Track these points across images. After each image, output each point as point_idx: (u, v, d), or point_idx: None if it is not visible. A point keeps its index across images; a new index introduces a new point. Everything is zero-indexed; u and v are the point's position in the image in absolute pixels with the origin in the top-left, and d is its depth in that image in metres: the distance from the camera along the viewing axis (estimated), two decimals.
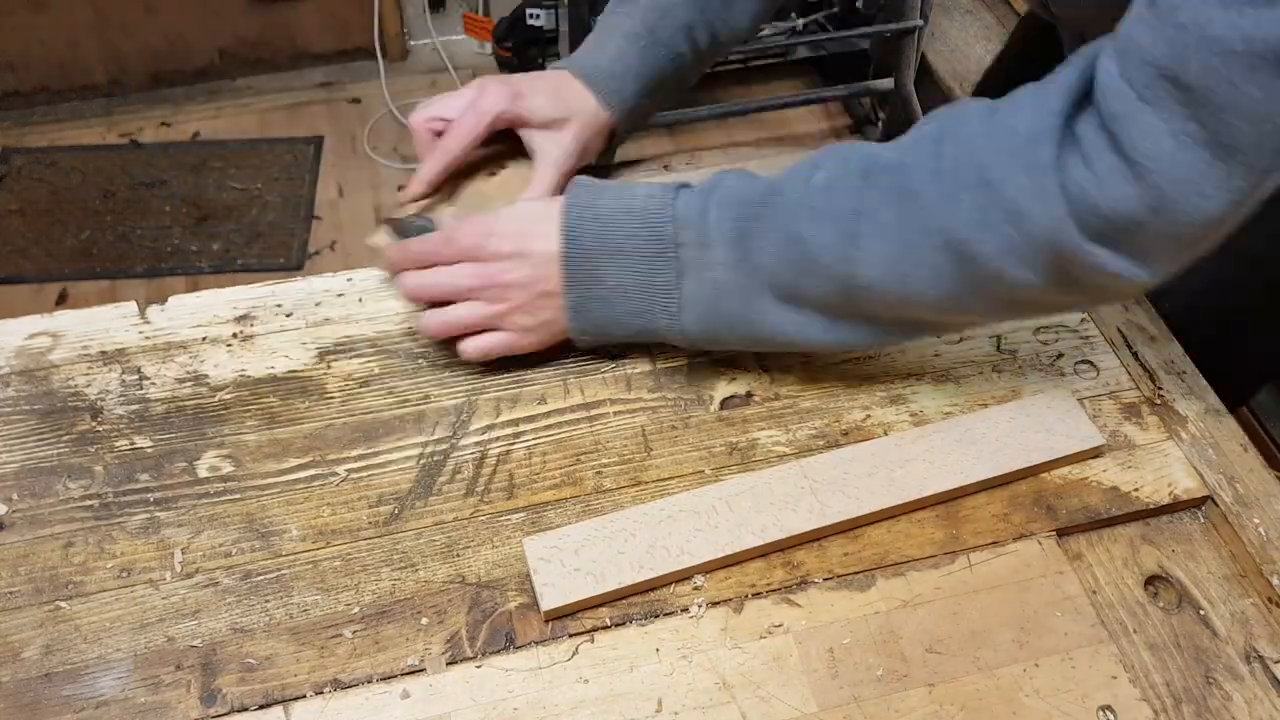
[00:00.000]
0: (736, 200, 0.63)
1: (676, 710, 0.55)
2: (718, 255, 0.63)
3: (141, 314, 0.73)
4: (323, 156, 2.35)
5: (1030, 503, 0.63)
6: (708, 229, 0.63)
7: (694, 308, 0.64)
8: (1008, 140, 0.55)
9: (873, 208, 0.59)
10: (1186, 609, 0.60)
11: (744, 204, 0.62)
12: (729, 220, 0.62)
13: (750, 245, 0.62)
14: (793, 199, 0.61)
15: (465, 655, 0.57)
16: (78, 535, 0.61)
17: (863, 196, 0.59)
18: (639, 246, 0.64)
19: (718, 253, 0.62)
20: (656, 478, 0.64)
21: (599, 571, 0.58)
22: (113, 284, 2.09)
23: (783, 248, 0.61)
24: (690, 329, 0.65)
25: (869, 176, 0.59)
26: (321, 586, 0.59)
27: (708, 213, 0.63)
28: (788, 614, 0.59)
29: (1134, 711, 0.55)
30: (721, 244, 0.62)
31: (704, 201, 0.63)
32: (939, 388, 0.69)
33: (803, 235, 0.60)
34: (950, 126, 0.58)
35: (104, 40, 2.35)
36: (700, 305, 0.64)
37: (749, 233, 0.62)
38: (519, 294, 0.66)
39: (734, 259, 0.62)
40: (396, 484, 0.64)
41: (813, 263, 0.60)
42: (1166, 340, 0.73)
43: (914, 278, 0.58)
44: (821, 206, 0.60)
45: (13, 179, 2.26)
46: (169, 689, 0.55)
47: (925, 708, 0.55)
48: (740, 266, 0.62)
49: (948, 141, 0.57)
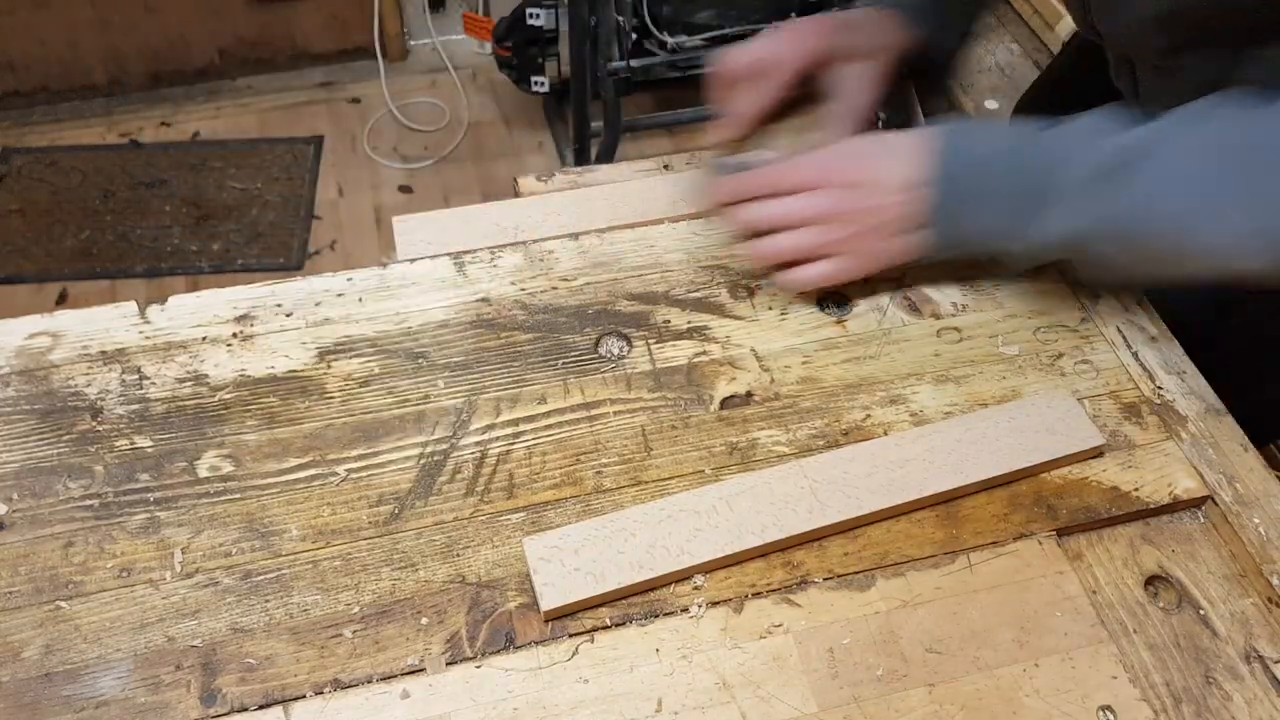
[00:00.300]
0: (1103, 152, 0.63)
1: (676, 710, 0.55)
2: (1078, 205, 0.63)
3: (141, 314, 0.73)
4: (323, 156, 2.35)
5: (1030, 503, 0.63)
6: (1070, 179, 0.63)
7: (1051, 249, 0.67)
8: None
9: (1231, 183, 0.59)
10: (1186, 609, 0.60)
11: (1112, 156, 0.63)
12: (1093, 172, 0.63)
13: (1111, 196, 0.62)
14: (1155, 168, 0.61)
15: (465, 655, 0.57)
16: (78, 535, 0.61)
17: (1218, 173, 0.60)
18: (1010, 188, 0.65)
19: (1077, 202, 0.63)
20: (656, 478, 0.64)
21: (599, 571, 0.58)
22: (113, 284, 2.09)
23: (1139, 204, 0.61)
24: (1041, 259, 0.69)
25: (1233, 150, 0.60)
26: (321, 586, 0.59)
27: (1073, 162, 0.63)
28: (788, 614, 0.59)
29: (1134, 711, 0.55)
30: (1080, 196, 0.63)
31: (1073, 150, 0.64)
32: (939, 388, 0.69)
33: (1154, 201, 0.61)
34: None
35: (104, 40, 2.36)
36: (1055, 248, 0.66)
37: (1111, 187, 0.62)
38: (864, 219, 0.68)
39: (1095, 209, 0.63)
40: (396, 484, 0.64)
41: (1156, 226, 0.61)
42: (1166, 340, 0.73)
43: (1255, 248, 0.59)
44: (1179, 173, 0.61)
45: (13, 179, 2.27)
46: (169, 689, 0.55)
47: (925, 708, 0.55)
48: (1102, 218, 0.63)
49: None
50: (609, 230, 0.79)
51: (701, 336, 0.72)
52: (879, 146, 0.70)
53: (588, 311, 0.73)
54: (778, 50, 0.76)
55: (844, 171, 0.69)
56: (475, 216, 0.80)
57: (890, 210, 0.68)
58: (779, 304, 0.74)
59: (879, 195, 0.68)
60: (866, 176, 0.68)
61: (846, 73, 0.77)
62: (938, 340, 0.72)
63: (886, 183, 0.68)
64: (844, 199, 0.69)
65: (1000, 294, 0.75)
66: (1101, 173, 0.62)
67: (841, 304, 0.74)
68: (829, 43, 0.76)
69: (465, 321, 0.73)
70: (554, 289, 0.75)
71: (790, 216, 0.70)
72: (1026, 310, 0.74)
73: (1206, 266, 0.62)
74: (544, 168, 2.29)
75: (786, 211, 0.70)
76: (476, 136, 2.42)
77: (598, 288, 0.75)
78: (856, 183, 0.68)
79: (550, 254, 0.77)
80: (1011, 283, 0.75)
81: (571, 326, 0.72)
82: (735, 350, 0.71)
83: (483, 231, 0.79)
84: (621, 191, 0.82)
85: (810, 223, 0.70)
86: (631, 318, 0.73)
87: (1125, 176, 0.62)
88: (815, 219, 0.69)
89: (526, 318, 0.73)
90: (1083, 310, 0.74)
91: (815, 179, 0.70)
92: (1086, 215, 0.63)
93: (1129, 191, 0.62)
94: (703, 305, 0.74)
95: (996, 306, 0.74)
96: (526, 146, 2.41)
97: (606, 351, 0.71)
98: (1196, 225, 0.60)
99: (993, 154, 0.66)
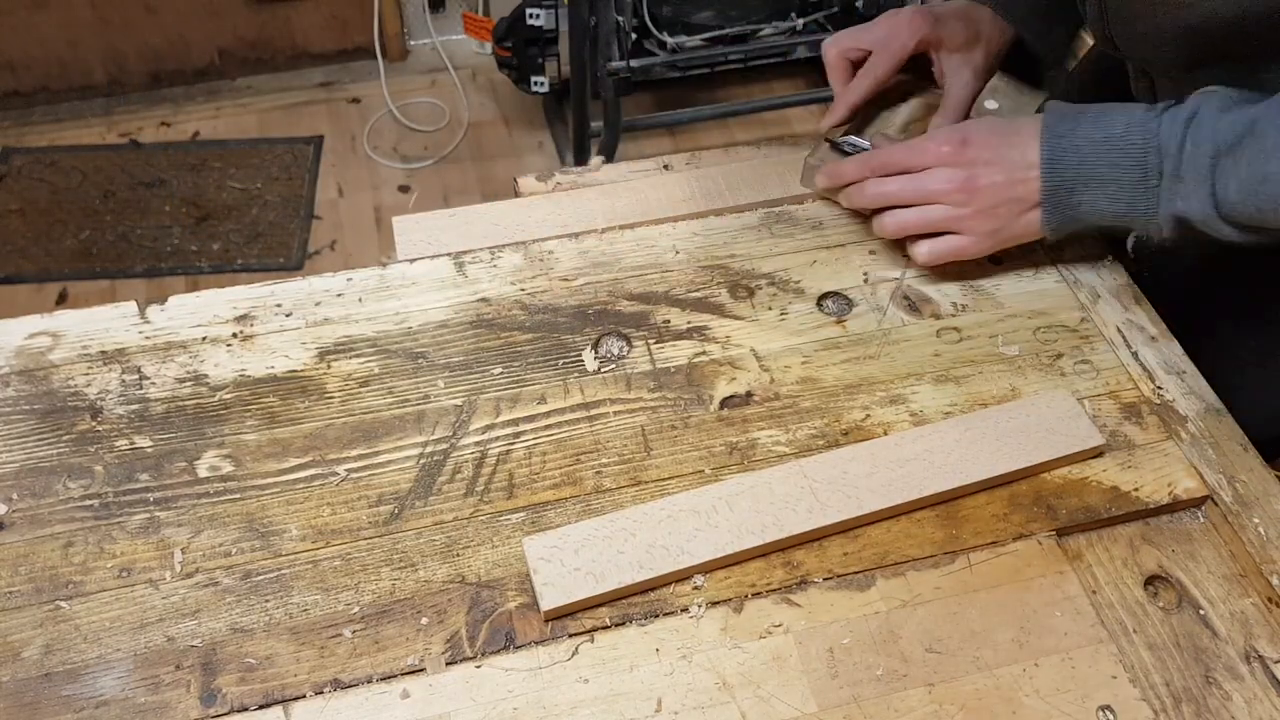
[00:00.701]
0: (1212, 136, 0.65)
1: (676, 710, 0.55)
2: (1189, 188, 0.65)
3: (141, 314, 0.73)
4: (322, 156, 2.35)
5: (1030, 503, 0.63)
6: (1183, 163, 0.65)
7: (1162, 227, 0.68)
8: None
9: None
10: (1186, 609, 0.60)
11: (1219, 140, 0.64)
12: (1205, 156, 0.65)
13: (1220, 182, 0.64)
14: (1270, 141, 0.62)
15: (465, 655, 0.57)
16: (78, 535, 0.61)
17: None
18: (1120, 175, 0.67)
19: (1189, 185, 0.65)
20: (656, 477, 0.64)
21: (599, 571, 0.58)
22: (113, 284, 2.09)
23: (1249, 184, 0.63)
24: (1156, 239, 0.69)
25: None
26: (321, 586, 0.59)
27: (1184, 147, 0.65)
28: (787, 614, 0.59)
29: (1134, 711, 0.55)
30: (1193, 179, 0.65)
31: (1182, 134, 0.65)
32: (939, 388, 0.69)
33: (1270, 175, 0.62)
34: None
35: (104, 40, 2.35)
36: (1169, 227, 0.67)
37: (1222, 170, 0.64)
38: (989, 197, 0.71)
39: (1204, 193, 0.65)
40: (396, 484, 0.64)
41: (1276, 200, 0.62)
42: (1166, 340, 0.73)
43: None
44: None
45: (13, 179, 2.26)
46: (169, 689, 0.55)
47: (925, 708, 0.55)
48: (1208, 201, 0.65)
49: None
50: (609, 230, 0.79)
51: (701, 336, 0.72)
52: (1000, 128, 0.72)
53: (588, 311, 0.73)
54: (888, 34, 0.80)
55: (969, 151, 0.71)
56: (475, 216, 0.80)
57: (1012, 189, 0.70)
58: (779, 304, 0.74)
59: (1002, 174, 0.70)
60: (991, 156, 0.71)
61: (950, 60, 0.81)
62: (938, 340, 0.72)
63: (1009, 162, 0.70)
64: (969, 177, 0.71)
65: (1000, 294, 0.75)
66: (1210, 156, 0.64)
67: (842, 306, 0.74)
68: (937, 30, 0.79)
69: (465, 321, 0.73)
70: (554, 289, 0.75)
71: (922, 193, 0.73)
72: (1026, 310, 0.74)
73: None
74: (544, 168, 2.29)
75: (918, 188, 0.73)
76: (476, 136, 2.42)
77: (598, 288, 0.75)
78: (981, 161, 0.71)
79: (550, 254, 0.77)
80: (1011, 283, 0.75)
81: (571, 326, 0.72)
82: (735, 350, 0.71)
83: (483, 231, 0.79)
84: (621, 191, 0.82)
85: (936, 200, 0.72)
86: (631, 318, 0.73)
87: (1233, 159, 0.63)
88: (941, 196, 0.72)
89: (526, 318, 0.73)
90: (1083, 310, 0.74)
91: (942, 157, 0.72)
92: (1197, 198, 0.65)
93: (1238, 173, 0.63)
94: (703, 305, 0.74)
95: (996, 306, 0.74)
96: (526, 146, 2.40)
97: (606, 351, 0.71)
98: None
99: (1099, 139, 0.68)
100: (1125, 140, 0.67)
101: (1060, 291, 0.75)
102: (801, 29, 2.24)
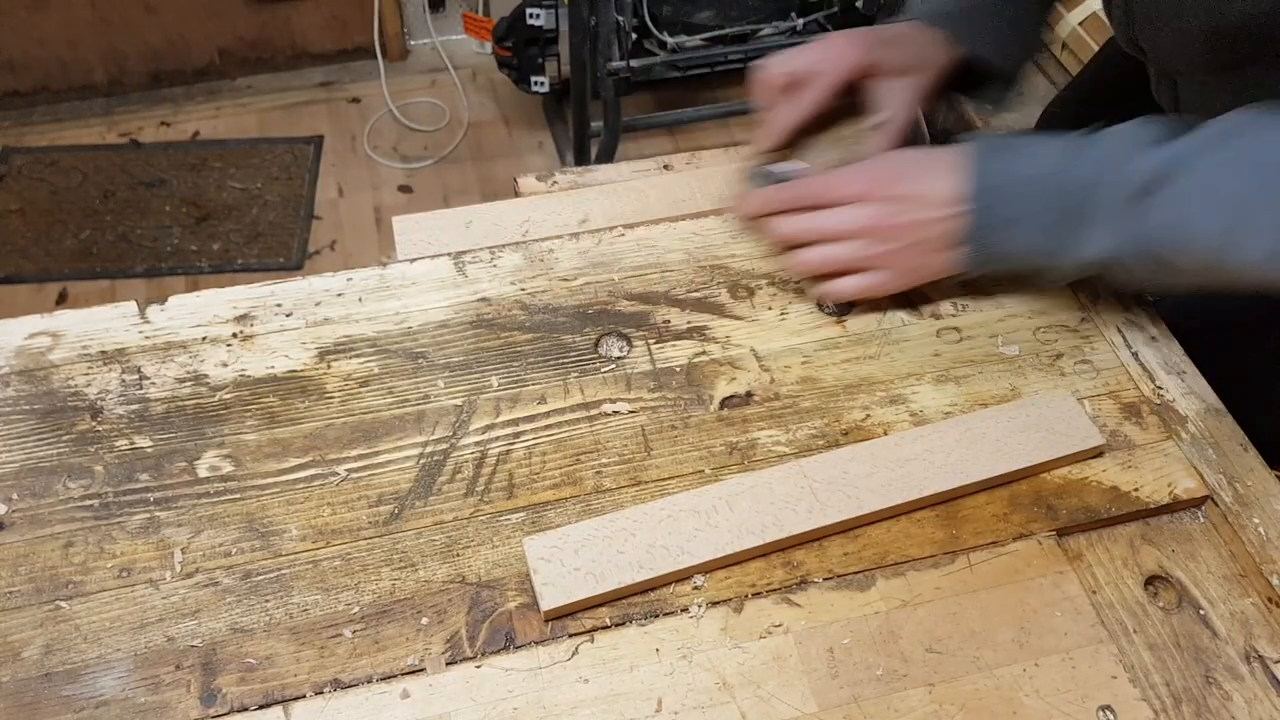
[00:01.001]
0: (1136, 168, 0.63)
1: (676, 710, 0.55)
2: (1114, 224, 0.64)
3: (141, 314, 0.73)
4: (322, 156, 2.35)
5: (1030, 503, 0.63)
6: (1105, 197, 0.64)
7: (1089, 266, 0.66)
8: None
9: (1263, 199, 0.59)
10: (1186, 609, 0.60)
11: (1144, 172, 0.63)
12: (1124, 192, 0.63)
13: (1144, 216, 0.63)
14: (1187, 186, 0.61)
15: (465, 655, 0.57)
16: (78, 535, 0.61)
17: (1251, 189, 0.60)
18: (1045, 208, 0.65)
19: (1113, 222, 0.64)
20: (656, 477, 0.64)
21: (599, 571, 0.58)
22: (113, 284, 2.09)
23: (1173, 223, 0.62)
24: (1079, 275, 0.68)
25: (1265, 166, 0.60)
26: (321, 586, 0.59)
27: (1106, 182, 0.64)
28: (787, 614, 0.59)
29: (1134, 711, 0.55)
30: (1117, 214, 0.63)
31: (1103, 169, 0.64)
32: (939, 388, 0.69)
33: (1188, 220, 0.61)
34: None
35: (104, 40, 2.35)
36: (1093, 265, 0.66)
37: (1148, 201, 0.62)
38: (905, 235, 0.68)
39: (1131, 228, 0.63)
40: (396, 484, 0.64)
41: (1191, 244, 0.61)
42: (1166, 340, 0.73)
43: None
44: (1213, 190, 0.60)
45: (13, 179, 2.27)
46: (169, 689, 0.55)
47: (925, 708, 0.55)
48: (1137, 237, 0.63)
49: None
50: (609, 230, 0.79)
51: (701, 336, 0.72)
52: (921, 161, 0.70)
53: (588, 311, 0.73)
54: (820, 61, 0.76)
55: (886, 186, 0.69)
56: (475, 216, 0.80)
57: (931, 227, 0.68)
58: (779, 304, 0.74)
59: (920, 211, 0.68)
60: (909, 191, 0.68)
61: (887, 87, 0.77)
62: (938, 340, 0.72)
63: (928, 198, 0.68)
64: (886, 214, 0.69)
65: (1000, 294, 0.75)
66: (1135, 193, 0.62)
67: (842, 305, 0.74)
68: (871, 56, 0.76)
69: (465, 321, 0.73)
70: (554, 289, 0.75)
71: (832, 229, 0.70)
72: (1026, 310, 0.74)
73: (1242, 281, 0.62)
74: (544, 168, 2.29)
75: (828, 225, 0.71)
76: (476, 136, 2.42)
77: (598, 288, 0.75)
78: (898, 197, 0.68)
79: (550, 254, 0.77)
80: (1011, 283, 0.75)
81: (571, 326, 0.72)
82: (735, 350, 0.71)
83: (483, 231, 0.79)
84: (621, 191, 0.82)
85: (851, 236, 0.70)
86: (631, 318, 0.73)
87: (1158, 196, 0.62)
88: (857, 233, 0.70)
89: (526, 318, 0.73)
90: (1083, 310, 0.74)
91: (857, 193, 0.70)
92: (1122, 235, 0.63)
93: (1163, 211, 0.62)
94: (703, 305, 0.74)
95: (996, 306, 0.74)
96: (526, 146, 2.41)
97: (606, 351, 0.71)
98: (1229, 243, 0.60)
99: (1030, 175, 0.66)
100: (1051, 176, 0.65)
101: (1060, 291, 0.75)
102: (802, 29, 2.24)
